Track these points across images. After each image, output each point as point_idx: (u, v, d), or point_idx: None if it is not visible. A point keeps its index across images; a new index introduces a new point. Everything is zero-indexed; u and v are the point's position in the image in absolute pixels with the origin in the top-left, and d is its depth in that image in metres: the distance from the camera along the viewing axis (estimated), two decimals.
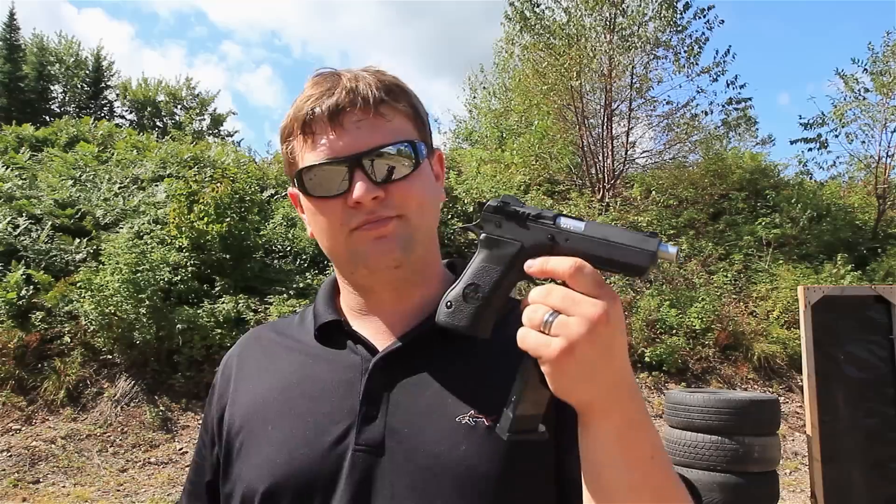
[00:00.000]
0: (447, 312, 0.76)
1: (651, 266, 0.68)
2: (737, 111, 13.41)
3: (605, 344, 0.66)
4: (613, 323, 0.66)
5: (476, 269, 0.75)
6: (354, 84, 0.88)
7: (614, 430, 0.70)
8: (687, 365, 8.68)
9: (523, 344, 0.69)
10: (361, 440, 0.86)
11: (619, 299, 0.69)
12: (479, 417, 0.86)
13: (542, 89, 13.05)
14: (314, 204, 0.89)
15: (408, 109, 0.91)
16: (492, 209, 0.75)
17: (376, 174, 0.86)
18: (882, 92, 12.18)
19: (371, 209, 0.86)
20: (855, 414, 4.29)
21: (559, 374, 0.67)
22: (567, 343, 0.65)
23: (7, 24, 25.95)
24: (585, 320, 0.65)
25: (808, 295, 4.26)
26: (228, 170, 10.38)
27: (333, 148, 0.86)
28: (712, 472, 4.74)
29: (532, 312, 0.68)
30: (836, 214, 12.42)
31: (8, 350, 7.20)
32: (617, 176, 12.90)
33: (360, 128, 0.86)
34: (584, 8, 12.61)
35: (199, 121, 28.68)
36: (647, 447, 0.72)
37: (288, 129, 0.91)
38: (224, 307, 7.94)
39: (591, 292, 0.67)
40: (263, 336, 1.05)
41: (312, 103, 0.87)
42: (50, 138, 12.81)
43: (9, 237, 8.59)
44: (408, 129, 0.90)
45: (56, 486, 5.99)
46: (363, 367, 0.91)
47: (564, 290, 0.67)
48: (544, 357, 0.67)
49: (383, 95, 0.88)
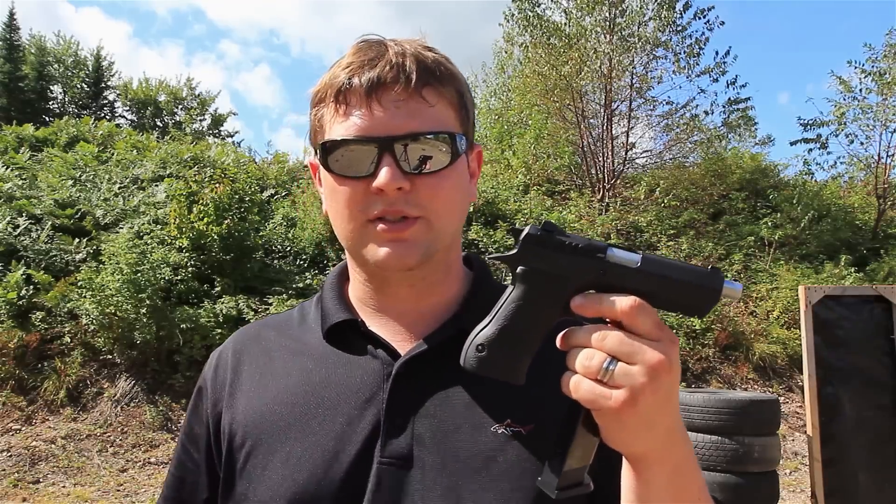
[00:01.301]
0: (478, 358, 0.66)
1: (714, 306, 0.62)
2: (737, 112, 13.41)
3: (667, 392, 0.62)
4: (675, 369, 0.62)
5: (513, 309, 0.65)
6: (401, 59, 0.79)
7: (666, 477, 0.67)
8: (687, 365, 8.68)
9: (577, 394, 0.62)
10: (387, 453, 0.79)
11: (678, 341, 0.65)
12: (516, 427, 0.79)
13: (541, 89, 13.05)
14: (335, 181, 0.81)
15: (453, 96, 0.82)
16: (533, 239, 0.65)
17: (407, 162, 0.77)
18: (882, 92, 12.18)
19: (393, 200, 0.77)
20: (854, 414, 4.29)
21: (618, 427, 0.63)
22: (630, 395, 0.60)
23: (7, 24, 25.94)
24: (649, 369, 0.60)
25: (809, 295, 4.26)
26: (228, 170, 10.39)
27: (365, 125, 0.78)
28: (712, 472, 4.73)
29: (587, 360, 0.61)
30: (836, 214, 12.42)
31: (8, 350, 7.20)
32: (617, 176, 12.90)
33: (399, 108, 0.78)
34: (584, 9, 12.60)
35: (200, 121, 28.70)
36: (696, 490, 0.69)
37: (320, 94, 0.82)
38: (224, 307, 7.94)
39: (650, 335, 0.61)
40: (260, 335, 0.94)
41: (351, 72, 0.79)
42: (50, 138, 12.81)
43: (9, 237, 8.59)
44: (450, 118, 0.82)
45: (56, 486, 5.99)
46: (384, 372, 0.82)
47: (622, 333, 0.61)
48: (603, 409, 0.61)
49: (429, 77, 0.79)
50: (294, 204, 10.59)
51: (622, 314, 0.61)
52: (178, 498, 0.93)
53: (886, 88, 12.03)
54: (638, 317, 0.61)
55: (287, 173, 12.25)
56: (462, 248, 0.95)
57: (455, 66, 0.85)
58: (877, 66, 12.16)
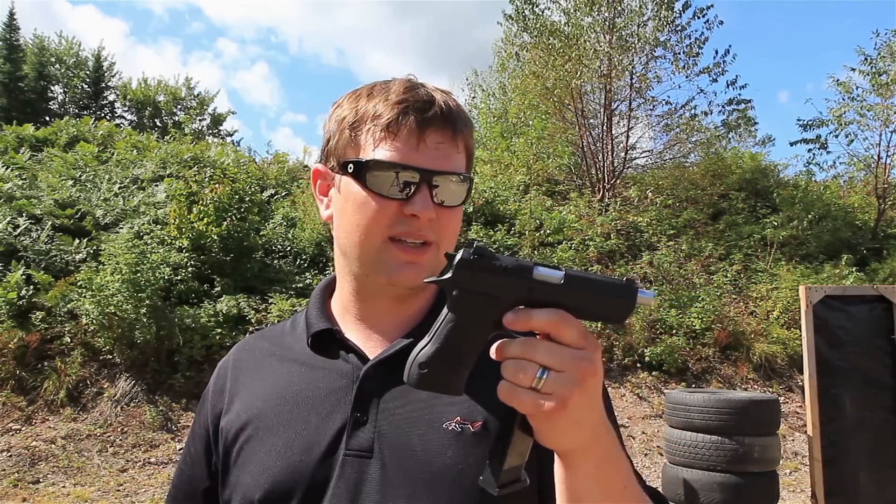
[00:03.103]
0: (419, 374, 0.71)
1: (631, 314, 0.69)
2: (737, 112, 13.41)
3: (592, 394, 0.68)
4: (599, 373, 0.68)
5: (450, 329, 0.70)
6: (446, 108, 0.91)
7: (592, 468, 0.73)
8: (687, 365, 8.68)
9: (512, 402, 0.67)
10: (352, 445, 0.89)
11: (601, 347, 0.70)
12: (464, 423, 0.89)
13: (541, 90, 13.05)
14: (369, 196, 0.89)
15: (470, 144, 0.96)
16: (466, 263, 0.69)
17: (438, 196, 0.89)
18: (879, 93, 12.17)
19: (421, 226, 0.89)
20: (855, 414, 4.29)
21: (549, 429, 0.68)
22: (561, 401, 0.65)
23: (7, 24, 25.94)
24: (577, 376, 0.65)
25: (810, 294, 4.27)
26: (228, 170, 10.39)
27: (413, 157, 0.88)
28: (712, 472, 4.74)
29: (519, 370, 0.66)
30: (836, 214, 12.42)
31: (8, 350, 7.20)
32: (617, 176, 12.90)
33: (439, 149, 0.90)
34: (583, 9, 12.60)
35: (199, 121, 28.70)
36: (620, 479, 0.76)
37: (365, 116, 0.91)
38: (224, 307, 7.94)
39: (576, 343, 0.66)
40: (255, 346, 1.07)
41: (405, 106, 0.89)
42: (50, 138, 12.81)
43: (9, 237, 8.59)
44: (465, 162, 0.95)
45: (56, 486, 5.99)
46: (354, 374, 0.93)
47: (550, 344, 0.66)
48: (536, 415, 0.67)
49: (464, 128, 0.93)
50: (294, 204, 10.59)
51: (549, 327, 0.67)
52: (185, 489, 1.06)
53: (884, 89, 12.02)
54: (563, 328, 0.66)
55: (287, 173, 12.25)
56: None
57: None
58: (874, 67, 12.16)
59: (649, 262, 10.34)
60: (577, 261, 10.09)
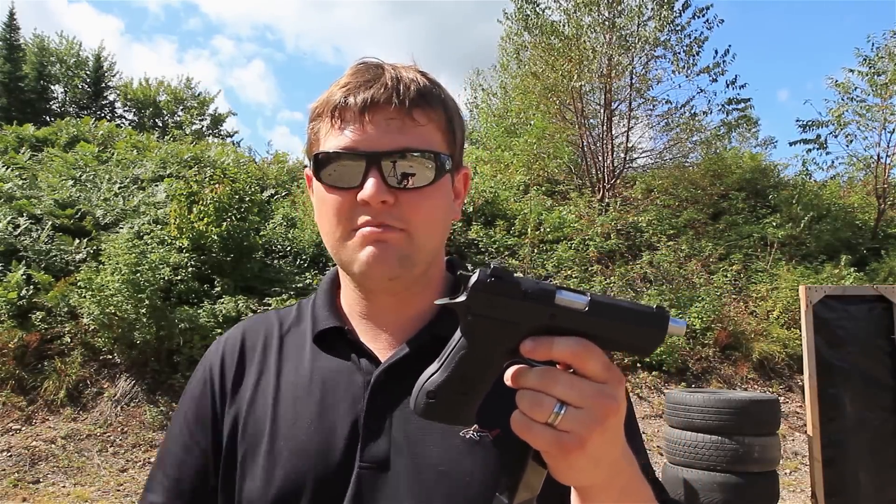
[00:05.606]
0: (427, 404, 0.65)
1: (660, 345, 0.63)
2: (737, 111, 13.41)
3: (614, 433, 0.63)
4: (622, 410, 0.63)
5: (462, 357, 0.64)
6: (395, 82, 0.84)
7: (613, 502, 0.69)
8: (687, 365, 8.68)
9: (525, 436, 0.62)
10: (366, 457, 0.84)
11: (624, 380, 0.65)
12: (482, 432, 0.83)
13: (541, 89, 13.05)
14: (325, 190, 0.86)
15: (441, 119, 0.87)
16: (482, 286, 0.62)
17: (394, 177, 0.82)
18: (878, 93, 12.17)
19: (377, 212, 0.82)
20: (855, 414, 4.29)
21: (566, 466, 0.63)
22: (579, 440, 0.60)
23: (7, 24, 25.96)
24: (598, 413, 0.61)
25: (810, 294, 4.27)
26: (228, 170, 10.39)
27: (357, 140, 0.83)
28: (712, 472, 4.74)
29: (536, 404, 0.61)
30: (836, 214, 12.42)
31: (8, 350, 7.20)
32: (617, 176, 12.90)
33: (389, 126, 0.83)
34: (583, 9, 12.59)
35: (199, 121, 28.71)
36: None
37: (318, 109, 0.88)
38: (224, 307, 7.94)
39: (598, 377, 0.62)
40: (266, 331, 0.99)
41: (348, 91, 0.84)
42: (50, 138, 12.82)
43: (9, 237, 8.59)
44: (437, 139, 0.86)
45: (56, 486, 5.99)
46: (366, 379, 0.88)
47: (570, 377, 0.61)
48: (552, 452, 0.62)
49: (420, 99, 0.84)
50: (294, 204, 10.60)
51: (571, 357, 0.61)
52: (180, 478, 0.94)
53: (883, 90, 12.02)
54: (586, 360, 0.61)
55: (287, 173, 12.25)
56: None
57: (447, 91, 0.91)
58: (873, 68, 12.16)
59: (649, 261, 10.34)
60: (577, 261, 10.09)
